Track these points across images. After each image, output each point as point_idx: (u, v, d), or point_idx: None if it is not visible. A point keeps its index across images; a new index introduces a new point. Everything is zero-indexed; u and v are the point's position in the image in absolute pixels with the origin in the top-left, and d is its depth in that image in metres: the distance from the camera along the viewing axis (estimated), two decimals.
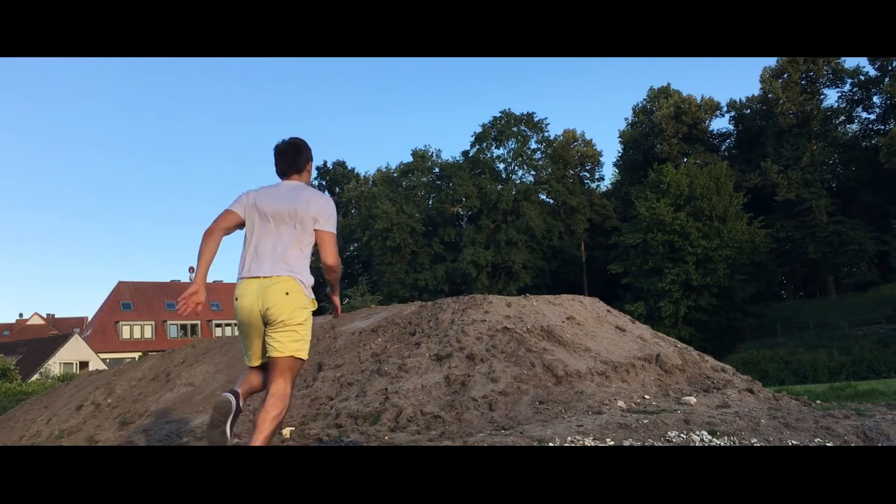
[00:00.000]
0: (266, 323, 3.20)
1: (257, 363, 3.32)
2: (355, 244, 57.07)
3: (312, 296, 3.35)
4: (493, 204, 47.90)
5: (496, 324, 6.37)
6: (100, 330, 55.20)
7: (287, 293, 3.18)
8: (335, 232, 3.34)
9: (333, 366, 6.75)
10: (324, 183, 65.59)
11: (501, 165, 51.63)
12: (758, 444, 3.92)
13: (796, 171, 42.06)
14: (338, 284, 3.53)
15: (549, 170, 50.59)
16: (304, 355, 3.27)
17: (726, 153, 50.33)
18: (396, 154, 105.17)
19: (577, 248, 50.19)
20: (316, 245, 3.32)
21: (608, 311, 7.57)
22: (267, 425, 3.07)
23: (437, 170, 51.98)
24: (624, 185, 50.55)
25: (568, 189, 49.79)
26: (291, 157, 3.46)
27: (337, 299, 3.62)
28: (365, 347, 6.95)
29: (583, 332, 6.53)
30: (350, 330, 7.86)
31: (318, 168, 65.69)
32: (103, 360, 44.51)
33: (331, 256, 3.30)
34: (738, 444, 3.97)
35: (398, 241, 47.57)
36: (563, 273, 49.73)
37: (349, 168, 65.65)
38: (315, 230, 3.28)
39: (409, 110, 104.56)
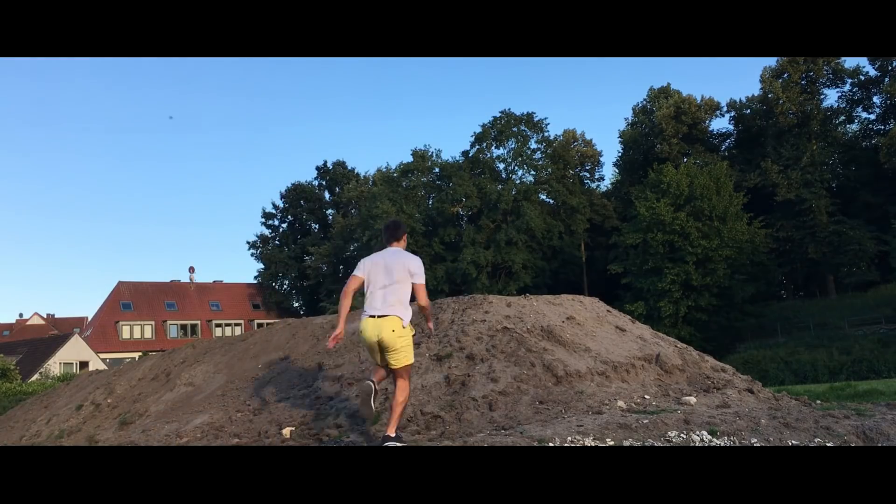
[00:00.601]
0: (381, 347, 4.68)
1: (382, 364, 4.81)
2: (355, 244, 57.00)
3: (408, 325, 4.75)
4: (493, 204, 47.89)
5: (496, 324, 6.37)
6: (100, 330, 55.18)
7: (393, 330, 4.64)
8: (424, 282, 4.82)
9: (333, 366, 6.75)
10: (323, 183, 65.57)
11: (501, 165, 51.63)
12: (758, 444, 3.92)
13: (796, 171, 42.05)
14: (431, 317, 5.24)
15: (549, 170, 50.57)
16: (411, 361, 4.79)
17: (726, 153, 50.31)
18: (396, 154, 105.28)
19: (577, 248, 50.17)
20: (414, 291, 4.77)
21: (608, 311, 7.57)
22: (397, 408, 4.66)
23: (437, 170, 51.95)
24: (624, 185, 50.51)
25: (568, 189, 49.78)
26: (394, 231, 5.03)
27: (431, 325, 5.22)
28: (364, 347, 6.94)
29: (583, 332, 6.52)
30: (350, 330, 7.85)
31: (318, 168, 65.73)
32: (103, 360, 44.49)
33: (423, 300, 4.82)
34: (738, 444, 3.97)
35: None
36: (563, 273, 49.71)
37: (349, 168, 65.52)
38: (412, 283, 4.74)
39: (409, 110, 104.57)
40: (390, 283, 4.68)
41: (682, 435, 4.07)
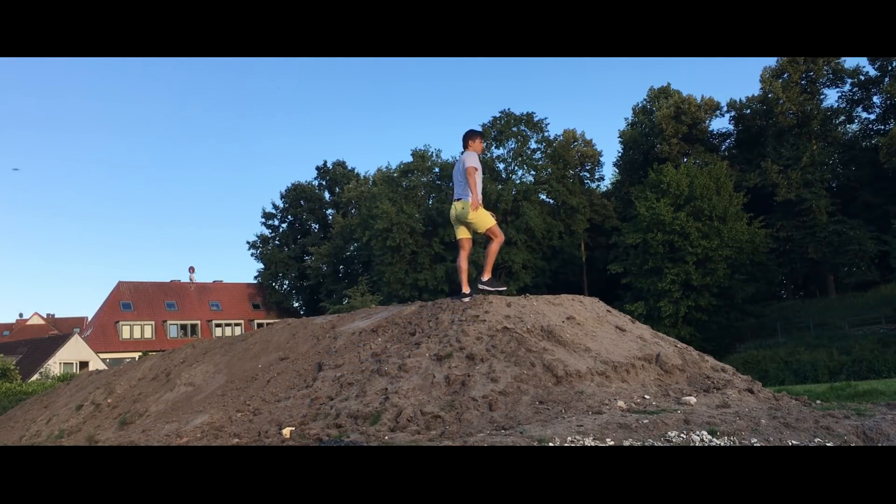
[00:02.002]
0: (460, 222, 6.95)
1: (466, 236, 6.98)
2: (355, 244, 57.03)
3: (469, 200, 6.78)
4: (492, 204, 47.89)
5: (496, 324, 6.37)
6: (100, 330, 55.19)
7: (462, 207, 6.82)
8: (470, 166, 6.75)
9: (333, 366, 6.75)
10: (323, 183, 65.56)
11: (501, 165, 51.61)
12: (758, 444, 3.92)
13: (796, 171, 42.04)
14: (473, 187, 6.81)
15: (549, 170, 50.54)
16: (489, 224, 6.80)
17: (726, 153, 50.31)
18: (396, 154, 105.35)
19: (577, 248, 50.18)
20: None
21: (608, 311, 7.57)
22: (490, 256, 6.76)
23: (437, 169, 51.96)
24: (624, 184, 50.51)
25: (568, 189, 49.77)
26: (463, 141, 7.02)
27: (473, 197, 6.84)
28: (365, 347, 6.95)
29: (583, 332, 6.52)
30: (350, 330, 7.85)
31: (317, 168, 65.70)
32: (103, 360, 44.52)
33: (468, 177, 6.81)
34: (738, 444, 3.97)
35: (398, 241, 47.55)
36: (563, 273, 49.72)
37: (349, 168, 65.55)
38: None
39: (408, 110, 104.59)
40: (458, 174, 6.95)
41: (682, 435, 4.07)
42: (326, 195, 65.60)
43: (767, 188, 42.96)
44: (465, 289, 7.03)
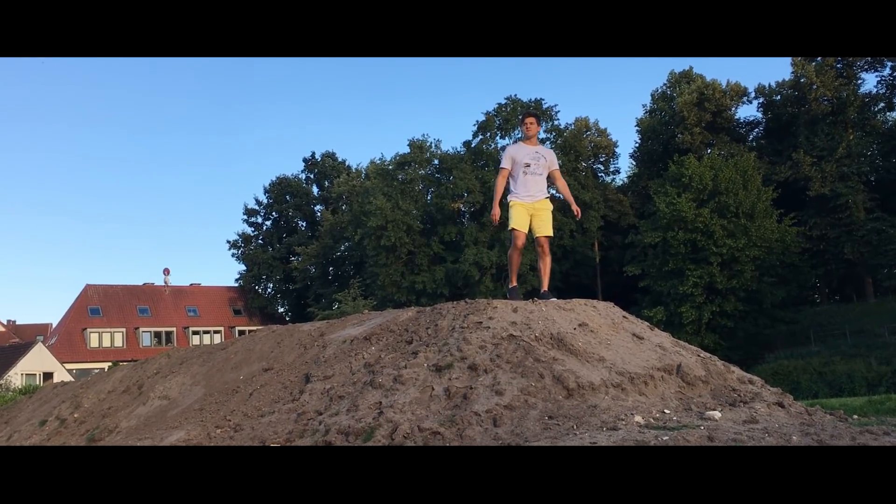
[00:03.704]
0: None
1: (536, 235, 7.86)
2: (346, 243, 57.08)
3: (507, 200, 7.75)
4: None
5: (501, 331, 6.37)
6: (66, 338, 55.23)
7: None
8: (501, 166, 8.06)
9: (322, 377, 6.75)
10: (311, 176, 65.62)
11: None
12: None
13: (831, 164, 42.03)
14: (495, 191, 7.99)
15: (560, 162, 50.56)
16: (509, 225, 7.72)
17: (754, 143, 50.34)
18: (392, 144, 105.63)
19: (590, 247, 50.20)
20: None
21: (624, 317, 7.57)
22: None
23: (436, 162, 51.98)
24: (641, 178, 50.53)
25: (580, 183, 49.77)
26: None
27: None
28: (357, 357, 6.95)
29: (596, 341, 6.53)
30: (340, 338, 7.85)
31: (305, 160, 65.78)
32: (69, 370, 44.54)
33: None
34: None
35: (393, 239, 47.57)
36: (574, 275, 49.73)
37: (339, 160, 65.60)
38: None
39: (405, 97, 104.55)
40: None
41: None
42: (315, 190, 65.65)
43: (799, 182, 42.97)
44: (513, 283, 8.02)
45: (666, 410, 5.48)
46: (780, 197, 40.41)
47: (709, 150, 46.38)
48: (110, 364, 34.69)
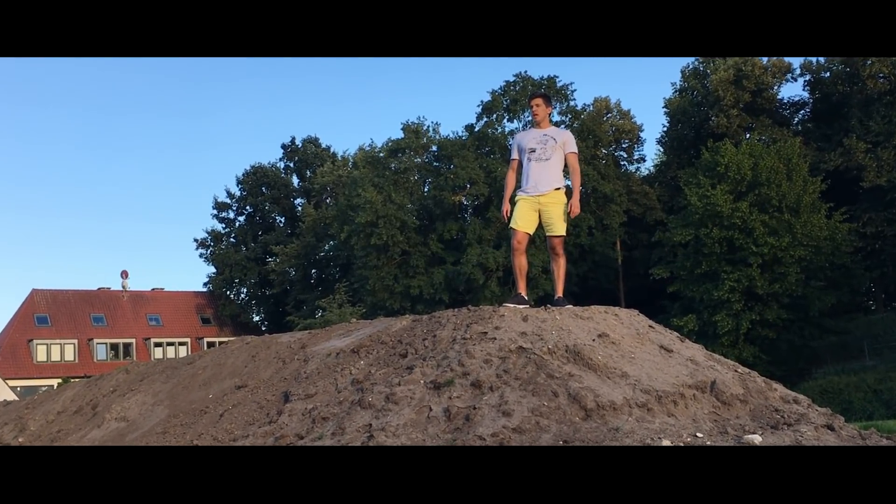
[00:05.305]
0: None
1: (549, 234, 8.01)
2: (331, 242, 57.09)
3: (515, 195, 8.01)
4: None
5: (509, 343, 6.38)
6: (9, 350, 55.23)
7: None
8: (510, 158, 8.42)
9: (303, 396, 6.76)
10: (291, 165, 65.66)
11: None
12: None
13: (888, 151, 42.04)
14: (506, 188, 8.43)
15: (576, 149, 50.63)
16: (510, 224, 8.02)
17: (799, 127, 50.37)
18: (383, 129, 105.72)
19: (612, 246, 50.24)
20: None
21: (650, 326, 7.59)
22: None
23: (434, 148, 52.03)
24: (670, 167, 50.57)
25: (599, 173, 49.80)
26: None
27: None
28: (343, 373, 6.96)
29: (618, 354, 6.54)
30: (324, 351, 7.86)
31: (283, 146, 65.79)
32: (13, 388, 44.52)
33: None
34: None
35: (385, 238, 47.59)
36: (593, 278, 49.78)
37: (323, 146, 65.66)
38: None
39: (398, 75, 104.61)
40: None
41: None
42: (295, 180, 65.68)
43: (851, 171, 42.98)
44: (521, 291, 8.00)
45: (698, 434, 5.49)
46: (830, 189, 40.39)
47: (748, 135, 46.39)
48: (60, 381, 34.74)
